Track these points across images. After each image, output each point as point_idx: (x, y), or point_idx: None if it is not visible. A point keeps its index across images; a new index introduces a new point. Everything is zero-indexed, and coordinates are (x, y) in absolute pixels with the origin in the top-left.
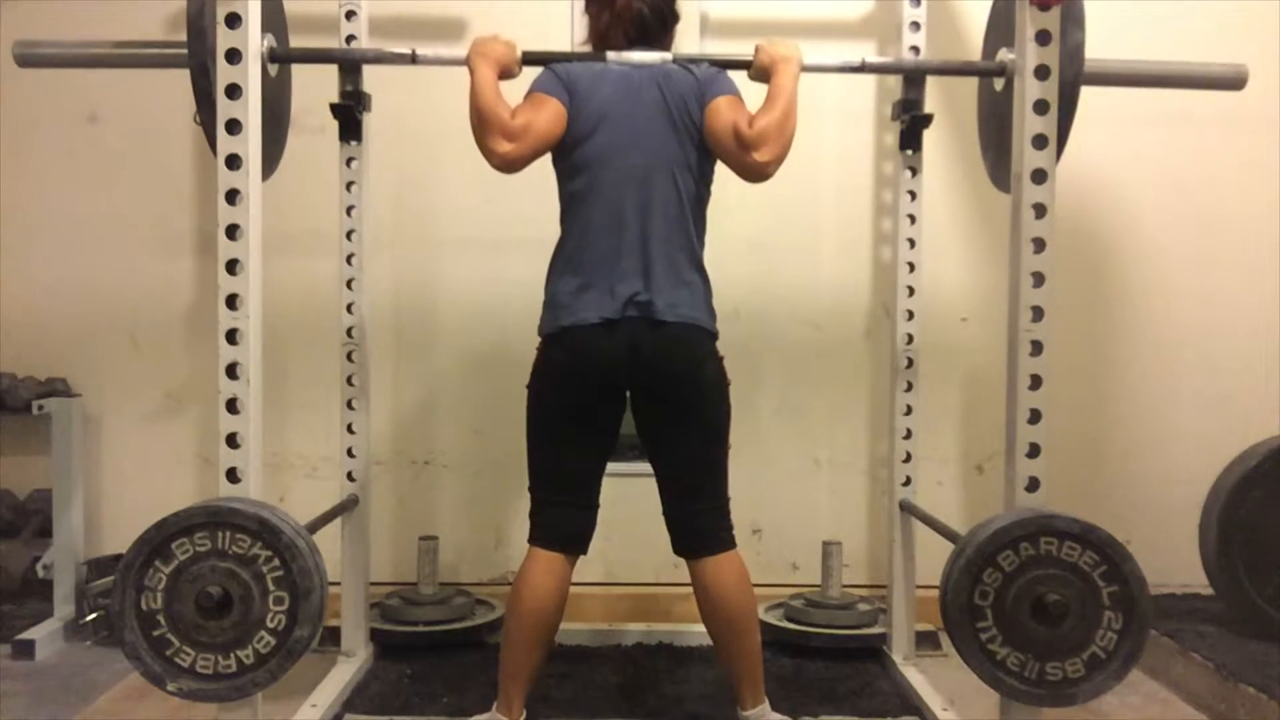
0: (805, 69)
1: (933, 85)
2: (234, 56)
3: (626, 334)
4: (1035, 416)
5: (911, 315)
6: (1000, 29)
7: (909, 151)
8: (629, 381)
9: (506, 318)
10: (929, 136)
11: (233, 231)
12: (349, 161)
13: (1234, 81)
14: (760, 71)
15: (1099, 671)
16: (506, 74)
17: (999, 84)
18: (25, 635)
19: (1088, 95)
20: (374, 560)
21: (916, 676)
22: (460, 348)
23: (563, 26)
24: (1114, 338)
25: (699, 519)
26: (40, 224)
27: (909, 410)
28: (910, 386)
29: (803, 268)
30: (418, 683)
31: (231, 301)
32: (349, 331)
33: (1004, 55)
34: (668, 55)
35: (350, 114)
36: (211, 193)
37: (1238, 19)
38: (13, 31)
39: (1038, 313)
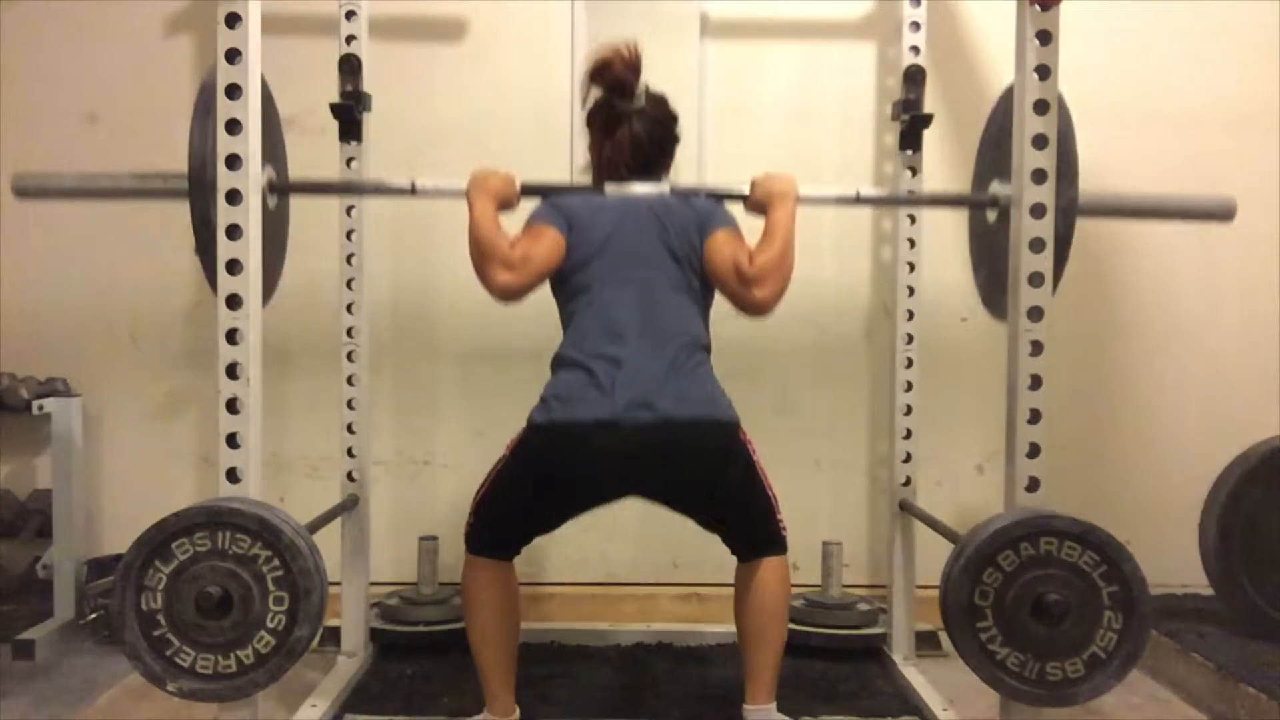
0: (802, 199)
1: (932, 85)
2: (235, 197)
3: (630, 438)
4: (1035, 416)
5: (911, 315)
6: (989, 160)
7: (909, 151)
8: (633, 488)
9: (507, 318)
10: (929, 136)
11: (233, 232)
12: (349, 162)
13: (1222, 213)
14: (757, 205)
15: (1099, 671)
16: (505, 206)
17: (991, 215)
18: (25, 635)
19: (1088, 96)
20: (374, 560)
21: (916, 676)
22: (460, 348)
23: (563, 27)
24: (1114, 337)
25: (747, 543)
26: (40, 224)
27: (909, 410)
28: (910, 386)
29: (803, 268)
30: (418, 683)
31: (231, 301)
32: (349, 331)
33: (996, 188)
34: (665, 187)
35: (350, 114)
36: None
37: (1237, 18)
38: (13, 31)
39: (1037, 313)
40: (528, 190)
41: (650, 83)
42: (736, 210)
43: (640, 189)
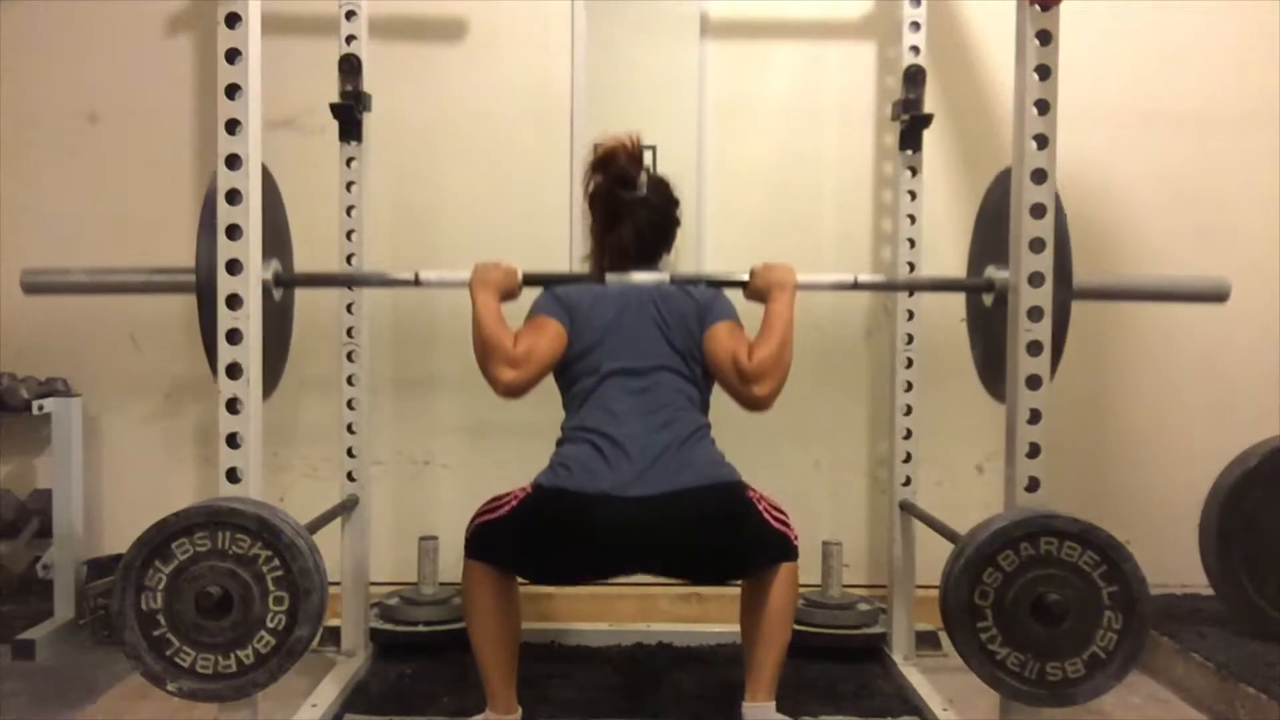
0: (801, 287)
1: (932, 85)
2: (235, 302)
3: (636, 513)
4: (1035, 416)
5: (911, 315)
6: (985, 245)
7: (909, 151)
8: (640, 564)
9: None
10: (929, 136)
11: (233, 232)
12: (349, 161)
13: (1216, 295)
14: (756, 293)
15: (1099, 671)
16: (508, 297)
17: (988, 299)
18: (25, 635)
19: (1088, 96)
20: (374, 560)
21: (916, 676)
22: (460, 348)
23: (563, 27)
24: (1113, 337)
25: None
26: (40, 224)
27: (909, 410)
28: (910, 386)
29: (803, 267)
30: (418, 683)
31: (231, 301)
32: (349, 331)
33: (992, 272)
34: (665, 277)
35: (350, 114)
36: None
37: (1237, 19)
38: (13, 31)
39: (1037, 313)
40: (530, 280)
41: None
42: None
43: (641, 278)
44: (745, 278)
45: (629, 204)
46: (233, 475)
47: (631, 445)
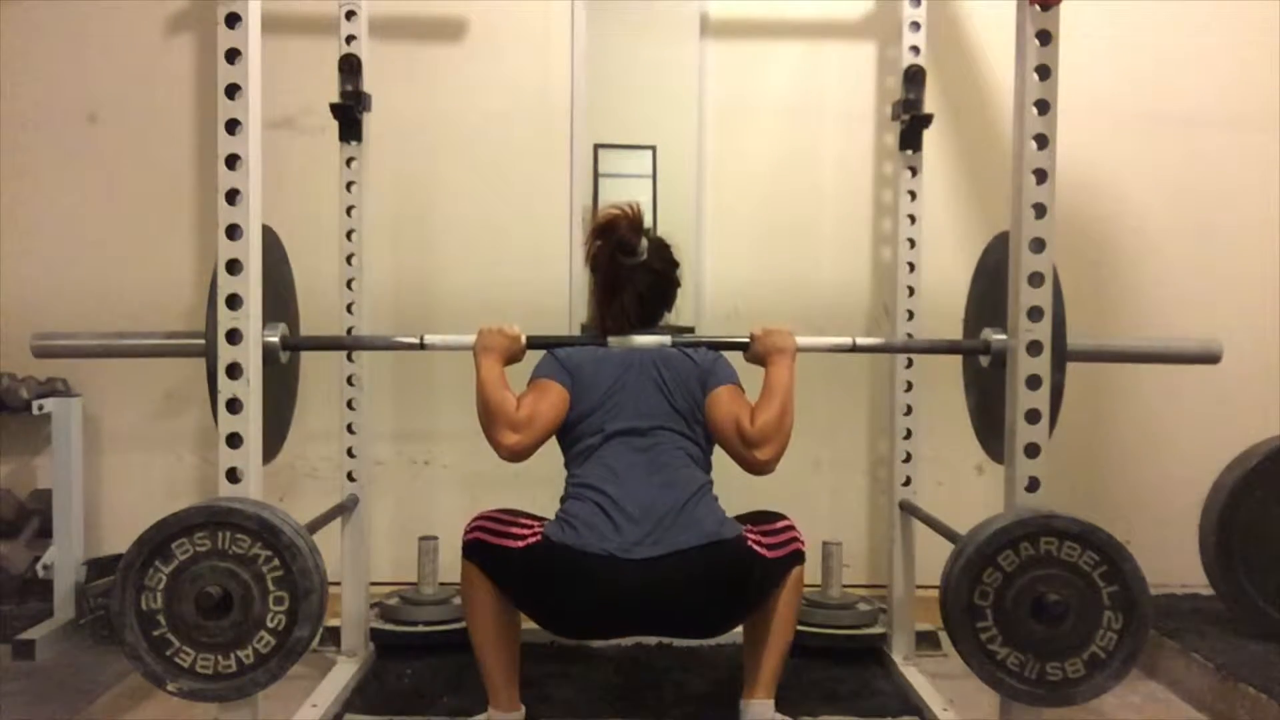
0: (800, 349)
1: (932, 85)
2: (235, 371)
3: (643, 575)
4: (1035, 416)
5: (911, 315)
6: (981, 308)
7: (909, 151)
8: (642, 625)
9: (506, 317)
10: (929, 136)
11: (233, 231)
12: (349, 161)
13: (1208, 357)
14: (756, 357)
15: (1099, 671)
16: (512, 360)
17: (985, 361)
18: (25, 635)
19: (1088, 96)
20: (374, 560)
21: (916, 676)
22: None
23: (563, 27)
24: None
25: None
26: (40, 224)
27: (909, 410)
28: (910, 386)
29: (803, 268)
30: (418, 683)
31: (231, 301)
32: (349, 331)
33: (989, 335)
34: (666, 340)
35: (350, 114)
36: (212, 192)
37: (1237, 19)
38: (13, 31)
39: (1037, 313)
40: (534, 344)
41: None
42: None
43: (643, 341)
44: (745, 340)
45: (630, 270)
46: (233, 475)
47: (635, 506)
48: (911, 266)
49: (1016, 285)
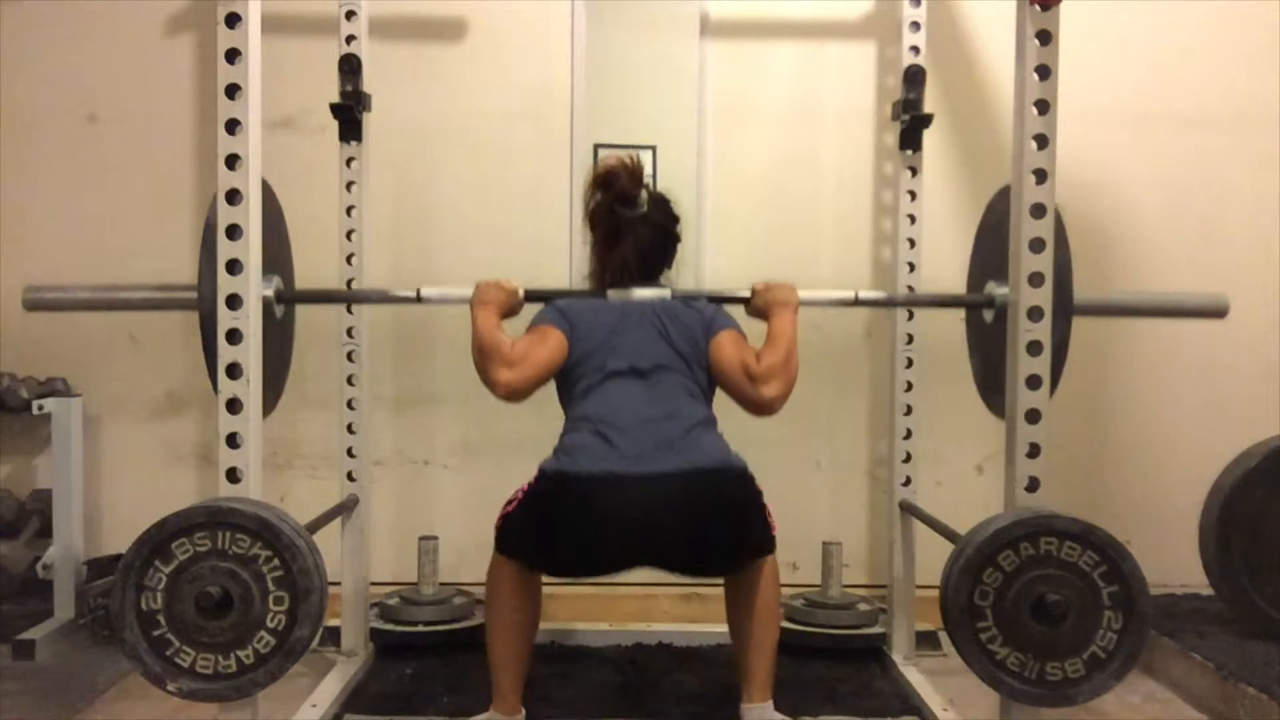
0: (802, 303)
1: (932, 85)
2: (234, 302)
3: (645, 491)
4: (1035, 416)
5: (911, 315)
6: (985, 261)
7: (909, 151)
8: (645, 547)
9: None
10: (929, 136)
11: (233, 232)
12: (349, 161)
13: (1215, 311)
14: (758, 311)
15: (1099, 671)
16: (510, 314)
17: (988, 315)
18: (25, 635)
19: (1088, 96)
20: (374, 560)
21: (916, 676)
22: (460, 348)
23: (563, 27)
24: (1113, 337)
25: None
26: (40, 224)
27: (909, 410)
28: (910, 386)
29: (803, 267)
30: (418, 683)
31: (231, 301)
32: (349, 331)
33: (992, 288)
34: (666, 292)
35: (350, 114)
36: (212, 192)
37: (1237, 19)
38: (13, 31)
39: (1037, 313)
40: (531, 296)
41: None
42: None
43: (642, 294)
44: (747, 294)
45: (630, 222)
46: (233, 475)
47: (636, 429)
48: (911, 266)
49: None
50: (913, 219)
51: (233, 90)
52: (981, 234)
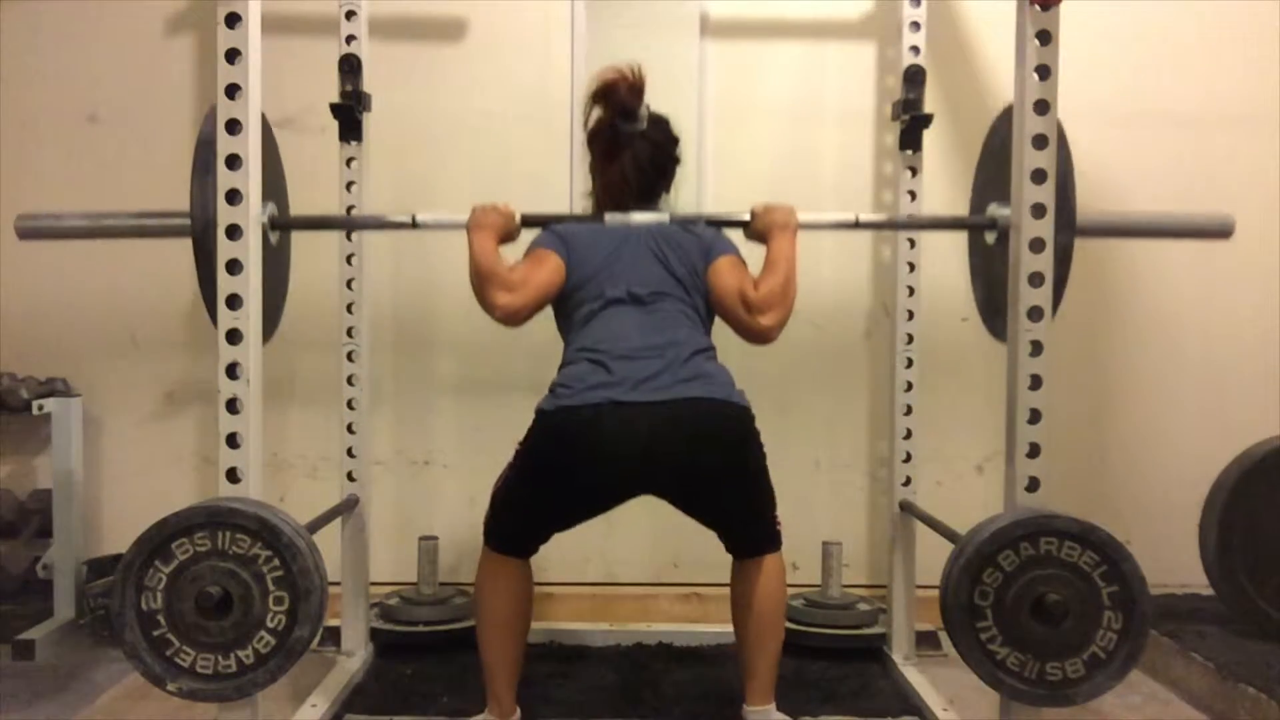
0: (802, 226)
1: (932, 85)
2: (234, 232)
3: (645, 419)
4: (1035, 416)
5: (911, 315)
6: (988, 183)
7: (909, 151)
8: (645, 474)
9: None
10: (929, 136)
11: (233, 232)
12: (349, 161)
13: (1220, 230)
14: (757, 234)
15: (1099, 671)
16: (506, 239)
17: (990, 237)
18: (25, 635)
19: (1088, 96)
20: (374, 560)
21: (916, 676)
22: (460, 348)
23: (563, 27)
24: (1114, 337)
25: (746, 540)
26: None
27: (909, 410)
28: (910, 386)
29: (802, 267)
30: (418, 683)
31: (231, 302)
32: (349, 331)
33: (995, 210)
34: (665, 216)
35: (350, 114)
36: None
37: (1237, 19)
38: (13, 31)
39: (1037, 313)
40: (528, 221)
41: (651, 104)
42: (736, 237)
43: (641, 218)
44: (746, 218)
45: (629, 137)
46: (233, 475)
47: (635, 356)
48: (911, 266)
49: (1016, 286)
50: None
51: (233, 90)
52: (984, 159)
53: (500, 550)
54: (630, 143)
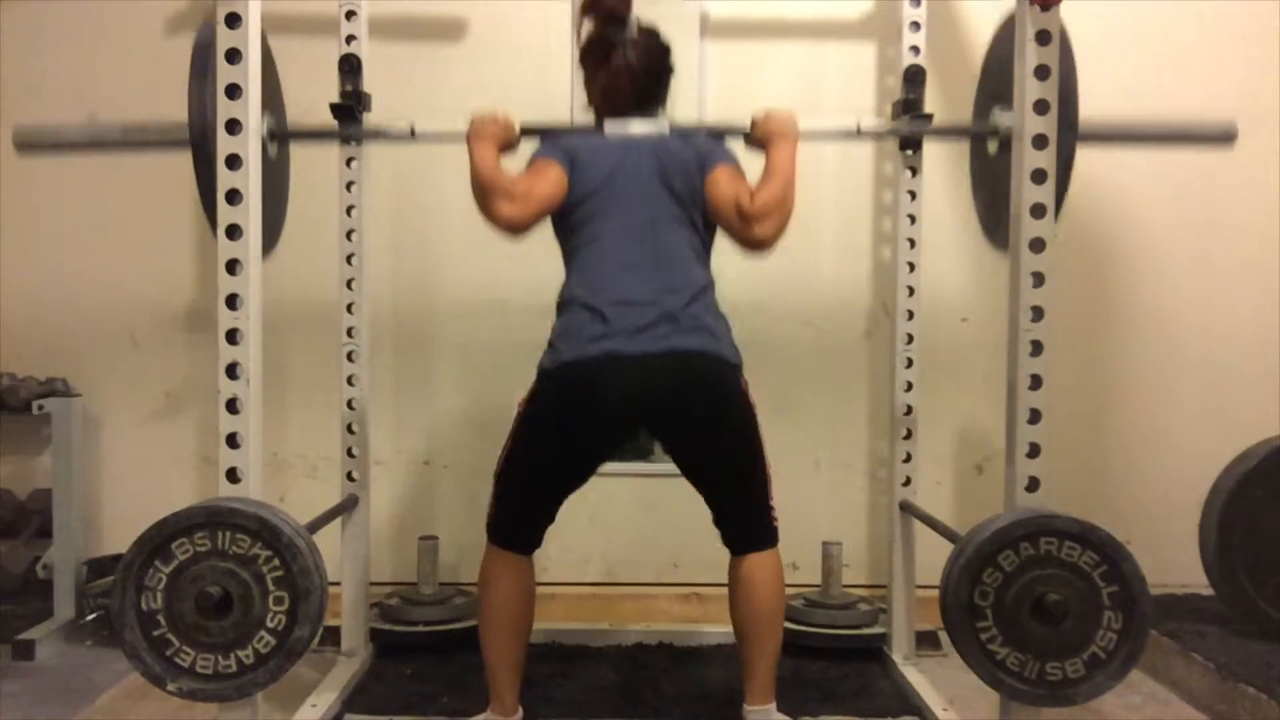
0: (802, 136)
1: (933, 85)
2: (234, 127)
3: (639, 370)
4: (1035, 416)
5: (911, 315)
6: (990, 89)
7: (909, 151)
8: (642, 420)
9: (507, 317)
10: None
11: (233, 232)
12: (349, 161)
13: (1224, 135)
14: (758, 143)
15: (1099, 671)
16: (506, 148)
17: (993, 146)
18: (25, 635)
19: (1088, 96)
20: (374, 560)
21: (916, 676)
22: (460, 347)
23: (563, 27)
24: (1114, 337)
25: (741, 525)
26: (40, 224)
27: (909, 410)
28: (910, 386)
29: (803, 267)
30: (418, 683)
31: (231, 301)
32: (349, 331)
33: (997, 116)
34: (664, 127)
35: (350, 114)
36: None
37: (1237, 19)
38: (13, 31)
39: (1038, 313)
40: (528, 131)
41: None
42: (737, 146)
43: (640, 128)
44: (746, 127)
45: (620, 44)
46: (233, 475)
47: (634, 304)
48: (911, 266)
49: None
50: (913, 219)
51: (233, 90)
52: (987, 67)
53: (504, 544)
54: (622, 48)
